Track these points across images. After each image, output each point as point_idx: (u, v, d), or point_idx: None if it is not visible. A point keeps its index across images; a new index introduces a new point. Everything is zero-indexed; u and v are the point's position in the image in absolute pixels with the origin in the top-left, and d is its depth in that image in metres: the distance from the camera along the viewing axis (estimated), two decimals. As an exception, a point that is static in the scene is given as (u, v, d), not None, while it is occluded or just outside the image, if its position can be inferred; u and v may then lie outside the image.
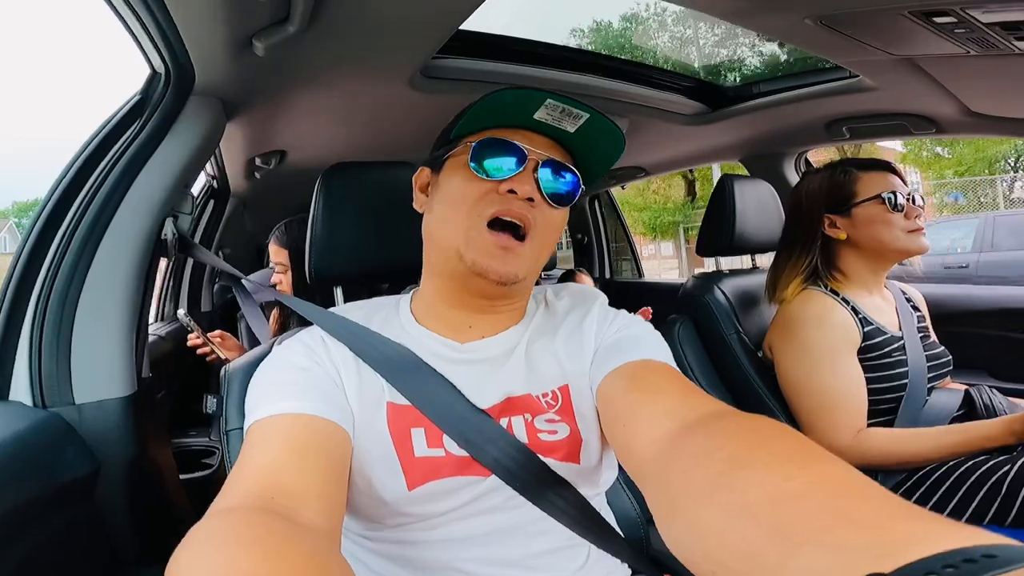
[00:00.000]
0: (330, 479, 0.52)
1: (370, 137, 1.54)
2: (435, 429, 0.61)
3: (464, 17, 0.86)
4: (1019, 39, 0.75)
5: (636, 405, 0.55)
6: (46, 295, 0.80)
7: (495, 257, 0.60)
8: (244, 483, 0.49)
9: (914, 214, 1.13)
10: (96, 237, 0.82)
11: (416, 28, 0.90)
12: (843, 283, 1.19)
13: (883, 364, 1.11)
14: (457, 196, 0.63)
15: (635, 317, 0.71)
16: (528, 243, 0.62)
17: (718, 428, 0.45)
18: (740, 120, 1.56)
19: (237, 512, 0.44)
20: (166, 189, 0.88)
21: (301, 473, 0.50)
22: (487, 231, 0.60)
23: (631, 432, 0.53)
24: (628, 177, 2.33)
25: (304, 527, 0.45)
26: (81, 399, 0.79)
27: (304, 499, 0.48)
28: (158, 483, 0.87)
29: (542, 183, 0.62)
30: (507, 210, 0.60)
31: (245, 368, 0.79)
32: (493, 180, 0.61)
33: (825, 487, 0.34)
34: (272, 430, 0.54)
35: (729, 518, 0.35)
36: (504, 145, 0.61)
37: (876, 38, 0.85)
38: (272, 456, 0.52)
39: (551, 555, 0.63)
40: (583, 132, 0.63)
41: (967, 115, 1.26)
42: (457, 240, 0.61)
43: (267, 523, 0.41)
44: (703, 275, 1.41)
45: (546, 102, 0.60)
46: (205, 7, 0.71)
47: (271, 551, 0.37)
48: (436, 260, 0.67)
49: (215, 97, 0.95)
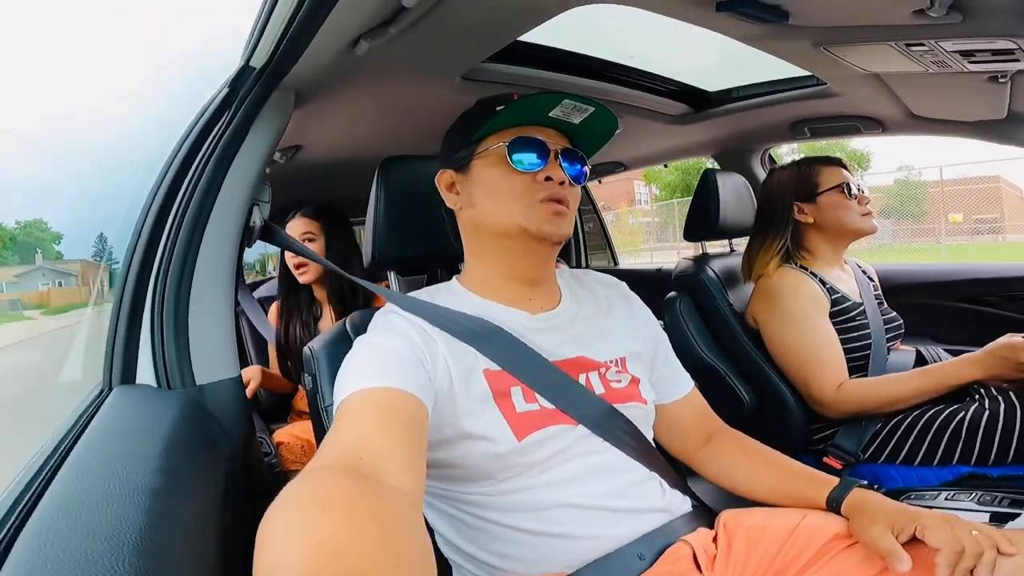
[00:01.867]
0: (413, 447, 0.57)
1: (384, 134, 1.61)
2: (528, 388, 0.73)
3: (525, 30, 0.99)
4: (972, 62, 0.97)
5: (690, 429, 0.93)
6: (162, 284, 0.85)
7: (553, 223, 0.75)
8: (336, 445, 0.54)
9: (864, 201, 1.37)
10: (200, 227, 0.88)
11: (478, 34, 1.00)
12: (810, 260, 1.40)
13: (850, 327, 1.32)
14: (503, 187, 0.76)
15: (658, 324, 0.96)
16: (568, 213, 0.78)
17: (728, 435, 0.93)
18: (717, 120, 1.74)
19: (327, 472, 0.47)
20: (251, 179, 0.95)
21: (387, 440, 0.55)
22: (542, 204, 0.75)
23: (684, 436, 0.93)
24: (607, 172, 2.51)
25: (390, 487, 0.48)
26: (201, 380, 0.84)
27: (390, 462, 0.52)
28: (259, 463, 0.94)
29: (565, 169, 0.77)
30: (553, 193, 0.76)
31: (328, 347, 0.88)
32: (529, 172, 0.75)
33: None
34: (362, 403, 0.60)
35: (748, 462, 0.87)
36: (532, 142, 0.76)
37: (859, 59, 1.05)
38: (362, 425, 0.57)
39: (637, 487, 0.77)
40: (584, 123, 0.78)
41: (909, 117, 1.49)
42: (516, 219, 0.75)
43: (353, 485, 0.43)
44: (695, 258, 1.59)
45: (563, 102, 0.74)
46: (323, 4, 0.78)
47: (352, 516, 0.39)
48: (492, 243, 0.80)
49: (291, 90, 1.01)
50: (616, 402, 0.78)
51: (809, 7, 0.91)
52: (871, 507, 0.69)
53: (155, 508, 0.46)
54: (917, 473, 1.17)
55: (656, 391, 0.88)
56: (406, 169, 0.96)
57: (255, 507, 0.91)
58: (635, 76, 1.54)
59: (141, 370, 0.83)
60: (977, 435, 1.11)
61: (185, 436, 0.68)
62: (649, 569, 0.71)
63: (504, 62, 1.27)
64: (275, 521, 0.39)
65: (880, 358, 1.31)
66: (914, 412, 1.21)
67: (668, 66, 1.58)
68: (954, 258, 11.10)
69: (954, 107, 1.35)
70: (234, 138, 0.93)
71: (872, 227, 1.38)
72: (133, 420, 0.71)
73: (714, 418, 0.94)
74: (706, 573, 0.71)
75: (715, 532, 0.77)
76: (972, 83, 1.11)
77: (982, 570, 0.59)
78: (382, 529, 0.39)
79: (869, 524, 0.67)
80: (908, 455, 1.18)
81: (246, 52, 0.96)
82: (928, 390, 1.19)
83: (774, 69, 1.51)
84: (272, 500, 0.40)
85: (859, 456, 1.23)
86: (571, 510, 0.71)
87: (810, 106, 1.57)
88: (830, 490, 0.76)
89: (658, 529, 0.75)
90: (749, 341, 1.42)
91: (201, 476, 0.62)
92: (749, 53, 1.12)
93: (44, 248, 4.78)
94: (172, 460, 0.58)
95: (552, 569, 0.70)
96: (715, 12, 0.92)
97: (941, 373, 1.20)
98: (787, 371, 1.34)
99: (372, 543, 0.37)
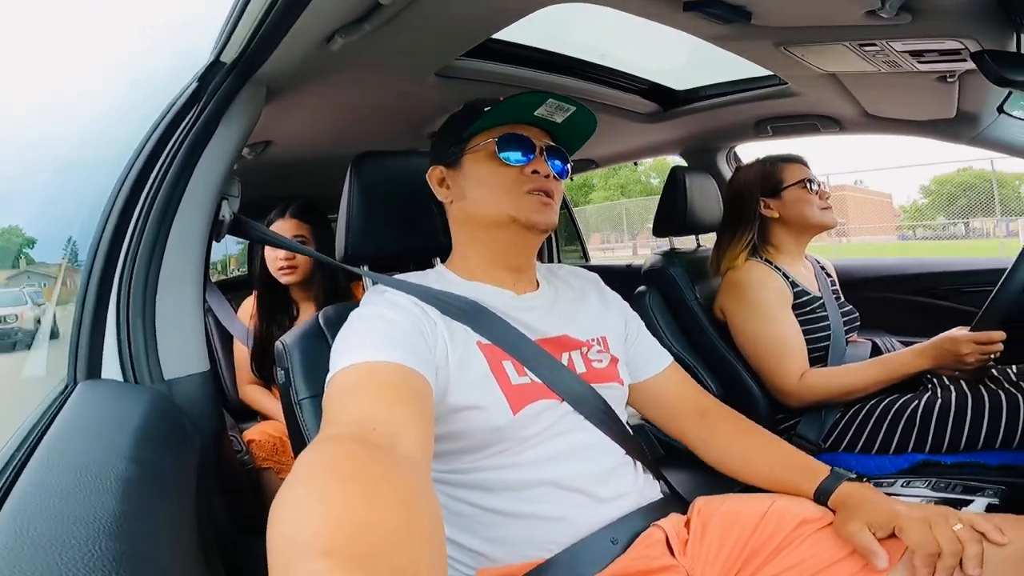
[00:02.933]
0: (422, 417, 0.58)
1: (357, 130, 1.60)
2: (518, 362, 0.76)
3: (499, 28, 1.00)
4: (921, 62, 1.02)
5: (678, 405, 0.94)
6: (128, 277, 0.83)
7: (541, 212, 0.79)
8: (347, 414, 0.54)
9: (825, 196, 1.43)
10: (168, 220, 0.87)
11: (453, 32, 1.01)
12: (775, 255, 1.45)
13: (811, 319, 1.37)
14: (493, 181, 0.80)
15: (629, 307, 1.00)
16: (553, 204, 0.81)
17: (722, 413, 0.93)
18: (686, 119, 1.78)
19: (340, 441, 0.47)
20: (220, 173, 0.94)
21: (397, 409, 0.56)
22: (530, 196, 0.79)
23: (674, 415, 0.94)
24: (580, 169, 2.54)
25: (403, 457, 0.48)
26: (169, 375, 0.83)
27: (403, 431, 0.52)
28: (232, 457, 0.92)
29: (549, 164, 0.81)
30: (540, 185, 0.79)
31: (301, 340, 0.87)
32: (517, 166, 0.79)
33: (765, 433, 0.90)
34: (368, 374, 0.61)
35: (746, 444, 0.88)
36: (519, 138, 0.80)
37: (817, 59, 1.09)
38: (369, 395, 0.58)
39: (616, 471, 0.80)
40: (566, 122, 0.83)
41: (864, 117, 1.56)
42: (507, 209, 0.79)
43: (367, 455, 0.43)
44: (664, 253, 1.63)
45: (547, 101, 0.79)
46: (297, 1, 0.78)
47: (371, 490, 0.38)
48: (481, 232, 0.83)
49: (263, 85, 1.01)
50: (596, 382, 0.81)
51: (770, 8, 0.94)
52: (855, 503, 0.71)
53: (131, 495, 0.45)
54: (875, 461, 1.22)
55: (633, 368, 0.92)
56: (380, 164, 0.96)
57: (230, 502, 0.91)
58: (606, 74, 1.57)
59: (107, 365, 0.82)
60: (930, 423, 1.16)
61: (155, 429, 0.67)
62: (623, 554, 0.73)
63: (478, 59, 1.28)
64: (288, 496, 0.38)
65: (839, 349, 1.37)
66: (871, 401, 1.26)
67: (639, 65, 1.62)
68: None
69: (906, 106, 1.42)
70: (203, 132, 0.92)
71: (833, 221, 1.44)
72: (101, 414, 0.70)
73: (703, 393, 0.96)
74: (679, 558, 0.73)
75: (687, 518, 0.80)
76: (922, 83, 1.17)
77: (969, 564, 0.60)
78: (402, 504, 0.38)
79: (849, 519, 0.69)
80: (866, 443, 1.23)
81: (217, 46, 0.95)
82: (884, 379, 1.25)
83: (739, 70, 1.56)
84: (248, 496, 0.39)
85: (820, 445, 1.28)
86: (554, 490, 0.73)
87: (772, 105, 1.63)
88: (819, 481, 0.78)
89: (631, 514, 0.77)
90: (716, 334, 1.47)
91: (174, 468, 0.61)
92: (716, 54, 1.16)
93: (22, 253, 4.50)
94: (144, 451, 0.57)
95: (532, 553, 0.71)
96: (683, 12, 0.95)
97: (894, 363, 1.26)
98: (753, 361, 1.38)
99: (394, 518, 0.37)
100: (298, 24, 0.84)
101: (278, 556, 0.35)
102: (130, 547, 0.39)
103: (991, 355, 1.16)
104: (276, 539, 0.35)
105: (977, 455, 1.12)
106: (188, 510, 0.57)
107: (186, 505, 0.58)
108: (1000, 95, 1.28)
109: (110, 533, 0.39)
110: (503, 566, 0.71)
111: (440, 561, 0.39)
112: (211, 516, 0.65)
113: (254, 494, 1.35)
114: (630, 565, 0.71)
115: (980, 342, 1.15)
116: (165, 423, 0.72)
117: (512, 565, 0.71)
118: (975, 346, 1.16)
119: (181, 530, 0.51)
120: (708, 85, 1.68)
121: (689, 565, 0.73)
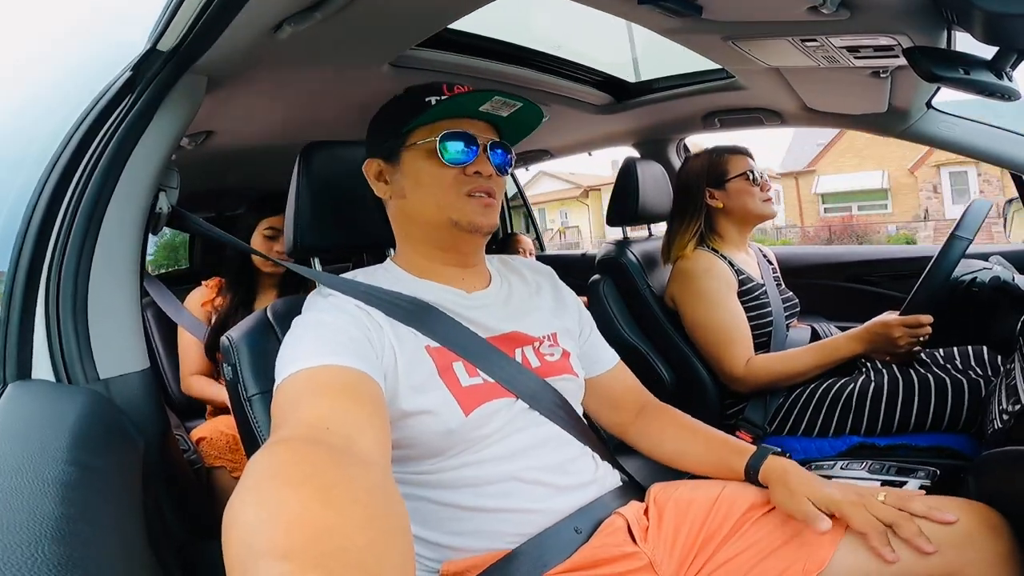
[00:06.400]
0: (376, 418, 0.58)
1: (305, 121, 1.55)
2: (469, 363, 0.75)
3: (455, 18, 0.99)
4: (857, 57, 1.07)
5: (622, 401, 0.98)
6: (57, 272, 0.78)
7: (483, 215, 0.78)
8: (298, 416, 0.53)
9: (767, 187, 1.48)
10: (99, 213, 0.82)
11: (408, 21, 0.99)
12: (720, 244, 1.50)
13: (754, 306, 1.43)
14: (433, 181, 0.78)
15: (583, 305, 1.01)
16: (495, 204, 0.80)
17: (660, 408, 0.97)
18: (638, 111, 1.81)
19: (293, 444, 0.46)
20: (156, 164, 0.90)
21: (350, 410, 0.55)
22: (471, 199, 0.77)
23: (617, 409, 0.98)
24: (535, 159, 2.55)
25: (360, 458, 0.48)
26: (105, 374, 0.79)
27: (357, 432, 0.52)
28: (179, 457, 0.88)
29: (492, 160, 0.80)
30: (479, 187, 0.78)
31: (248, 335, 0.83)
32: (458, 166, 0.77)
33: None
34: (316, 378, 0.60)
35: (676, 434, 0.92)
36: (462, 136, 0.78)
37: (762, 53, 1.13)
38: (320, 397, 0.56)
39: (575, 462, 0.81)
40: (512, 116, 0.81)
41: (804, 110, 1.63)
42: (447, 212, 0.77)
43: (321, 457, 0.43)
44: (617, 242, 1.66)
45: (493, 98, 0.77)
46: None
47: (325, 492, 0.38)
48: (424, 232, 0.81)
49: (204, 75, 0.96)
50: (551, 375, 0.82)
51: (719, 2, 0.97)
52: (787, 478, 0.75)
53: (71, 499, 0.43)
54: (816, 444, 1.28)
55: (584, 365, 0.93)
56: (329, 155, 0.93)
57: (180, 503, 0.87)
58: (562, 66, 1.58)
59: (38, 365, 0.77)
60: (865, 406, 1.22)
61: (93, 430, 0.65)
62: (586, 543, 0.74)
63: (434, 49, 1.26)
64: (241, 500, 0.37)
65: (780, 335, 1.43)
66: (811, 385, 1.32)
67: (594, 57, 1.63)
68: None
69: (842, 101, 1.48)
70: (137, 122, 0.87)
71: (773, 212, 1.50)
72: (32, 416, 0.66)
73: (644, 392, 1.00)
74: (640, 544, 0.75)
75: (646, 505, 0.82)
76: (857, 78, 1.22)
77: (919, 541, 0.64)
78: (360, 504, 0.38)
79: (788, 497, 0.72)
80: (807, 427, 1.29)
81: (153, 34, 0.90)
82: (821, 364, 1.31)
83: (689, 63, 1.60)
84: (197, 497, 0.38)
85: (766, 429, 1.34)
86: (515, 483, 0.74)
87: (720, 98, 1.68)
88: (747, 459, 0.82)
89: (593, 503, 0.79)
90: (668, 322, 1.51)
91: (116, 469, 0.59)
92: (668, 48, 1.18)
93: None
94: (82, 453, 0.54)
95: (497, 544, 0.72)
96: (637, 5, 0.96)
97: (830, 348, 1.32)
98: (701, 348, 1.43)
99: (353, 519, 0.36)
100: (243, 13, 0.80)
101: (236, 560, 0.34)
102: (75, 551, 0.38)
103: (920, 338, 1.23)
104: (232, 543, 0.35)
105: (908, 437, 1.19)
106: (135, 512, 0.55)
107: (133, 507, 0.56)
108: (929, 91, 1.35)
109: (52, 537, 0.37)
110: (468, 558, 0.71)
111: (407, 559, 0.38)
112: (161, 518, 0.62)
113: (206, 494, 1.31)
114: (593, 553, 0.72)
115: (910, 325, 1.22)
116: (102, 424, 0.69)
117: (477, 556, 0.71)
118: (905, 330, 1.22)
119: (129, 533, 0.49)
120: (660, 78, 1.72)
121: (651, 552, 0.75)
